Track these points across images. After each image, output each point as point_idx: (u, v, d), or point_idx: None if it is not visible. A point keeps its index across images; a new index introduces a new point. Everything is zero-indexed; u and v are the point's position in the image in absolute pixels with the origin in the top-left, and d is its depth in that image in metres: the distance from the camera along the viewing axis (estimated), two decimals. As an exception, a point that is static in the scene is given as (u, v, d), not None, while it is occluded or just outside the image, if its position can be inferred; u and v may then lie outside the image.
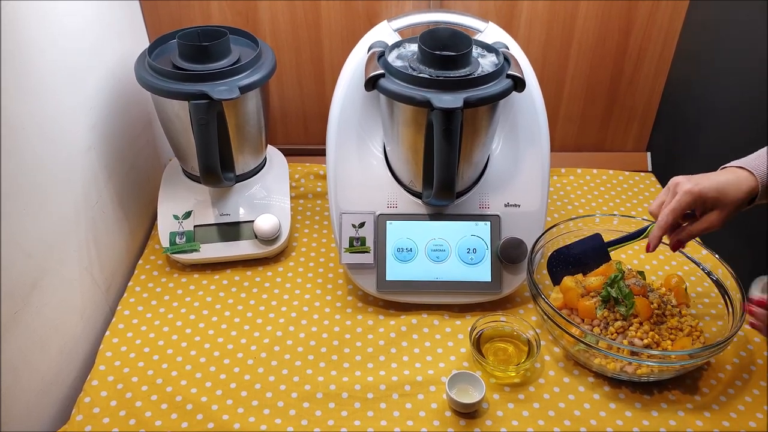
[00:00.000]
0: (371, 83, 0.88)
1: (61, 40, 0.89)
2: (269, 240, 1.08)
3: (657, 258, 1.11)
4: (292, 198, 1.21)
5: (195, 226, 1.08)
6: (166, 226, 1.08)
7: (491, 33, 1.02)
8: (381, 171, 1.02)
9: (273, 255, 1.12)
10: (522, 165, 1.02)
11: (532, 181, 1.01)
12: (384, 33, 1.01)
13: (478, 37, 1.00)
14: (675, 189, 0.81)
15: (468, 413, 0.85)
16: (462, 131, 0.88)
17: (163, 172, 1.14)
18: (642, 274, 1.01)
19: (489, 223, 1.00)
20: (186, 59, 0.98)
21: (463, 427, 0.84)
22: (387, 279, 0.99)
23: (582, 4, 1.22)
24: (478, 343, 0.94)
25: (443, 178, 0.91)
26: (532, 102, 1.01)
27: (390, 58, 0.92)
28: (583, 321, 0.94)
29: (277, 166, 1.19)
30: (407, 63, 0.92)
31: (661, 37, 1.27)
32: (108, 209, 1.04)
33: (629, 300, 0.91)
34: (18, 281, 0.79)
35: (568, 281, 0.97)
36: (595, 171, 1.36)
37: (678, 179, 0.82)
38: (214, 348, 0.95)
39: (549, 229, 1.02)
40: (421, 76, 0.87)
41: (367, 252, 0.99)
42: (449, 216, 1.01)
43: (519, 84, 0.89)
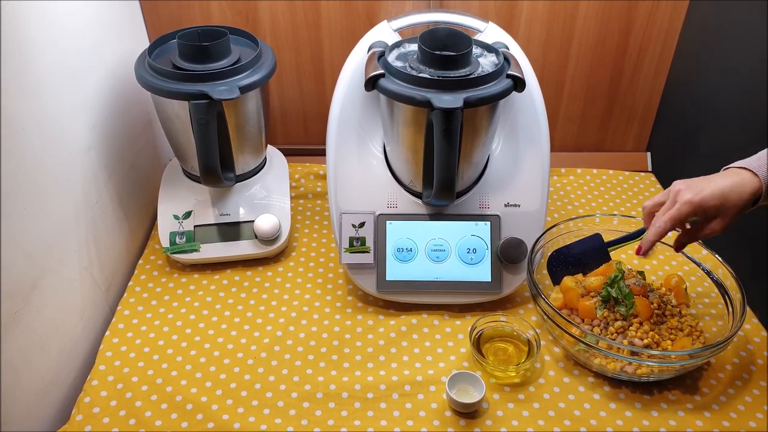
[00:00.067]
0: (371, 83, 0.88)
1: (61, 40, 0.89)
2: (269, 240, 1.08)
3: (657, 258, 1.11)
4: (292, 198, 1.22)
5: (195, 226, 1.08)
6: (166, 226, 1.08)
7: (491, 33, 1.02)
8: (381, 171, 1.02)
9: (273, 255, 1.12)
10: (522, 165, 1.02)
11: (532, 181, 1.01)
12: (384, 33, 1.01)
13: (478, 37, 1.00)
14: (675, 197, 0.80)
15: (468, 413, 0.85)
16: (462, 131, 0.88)
17: (163, 172, 1.14)
18: (642, 274, 1.01)
19: (489, 223, 1.00)
20: (186, 59, 0.98)
21: (463, 427, 0.84)
22: (387, 279, 0.99)
23: (582, 4, 1.22)
24: (478, 343, 0.94)
25: (443, 178, 0.91)
26: (532, 102, 1.01)
27: (390, 58, 0.92)
28: (583, 321, 0.94)
29: (277, 166, 1.19)
30: (407, 63, 0.92)
31: (661, 37, 1.27)
32: (108, 209, 1.04)
33: (629, 300, 0.91)
34: (18, 281, 0.79)
35: (568, 281, 0.97)
36: (595, 171, 1.36)
37: (679, 186, 0.80)
38: (214, 348, 0.95)
39: (549, 229, 1.02)
40: (421, 76, 0.87)
41: (367, 252, 0.99)
42: (449, 216, 1.01)
43: (519, 84, 0.89)
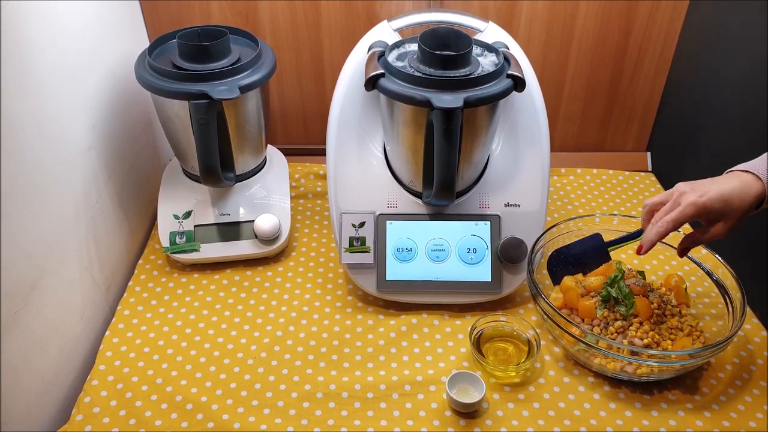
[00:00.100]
0: (371, 83, 0.88)
1: (61, 40, 0.89)
2: (269, 240, 1.08)
3: (657, 258, 1.11)
4: (292, 198, 1.21)
5: (195, 225, 1.08)
6: (166, 225, 1.08)
7: (491, 33, 1.02)
8: (381, 171, 1.02)
9: (273, 255, 1.12)
10: (522, 165, 1.02)
11: (532, 181, 1.01)
12: (384, 33, 1.01)
13: (478, 37, 1.00)
14: (679, 199, 0.79)
15: (468, 413, 0.85)
16: (462, 131, 0.88)
17: (163, 172, 1.14)
18: (642, 274, 1.01)
19: (489, 223, 1.00)
20: (186, 59, 0.98)
21: (463, 427, 0.84)
22: (387, 279, 0.99)
23: (582, 4, 1.22)
24: (478, 343, 0.94)
25: (443, 178, 0.91)
26: (532, 102, 1.01)
27: (390, 57, 0.92)
28: (583, 321, 0.94)
29: (277, 166, 1.19)
30: (407, 63, 0.92)
31: (661, 37, 1.27)
32: (108, 209, 1.04)
33: (629, 300, 0.91)
34: (18, 281, 0.79)
35: (568, 281, 0.97)
36: (595, 171, 1.36)
37: (682, 188, 0.80)
38: (214, 348, 0.95)
39: (549, 229, 1.02)
40: (421, 75, 0.87)
41: (367, 252, 0.99)
42: (449, 216, 1.01)
43: (519, 84, 0.89)
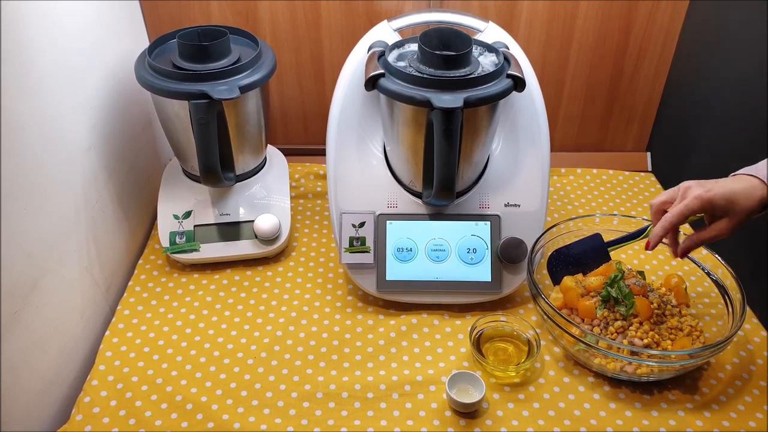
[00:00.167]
0: (371, 83, 0.88)
1: (61, 40, 0.89)
2: (269, 240, 1.08)
3: (657, 258, 1.11)
4: (292, 198, 1.21)
5: (195, 225, 1.08)
6: (166, 225, 1.08)
7: (491, 33, 1.02)
8: (381, 171, 1.02)
9: (273, 255, 1.12)
10: (522, 165, 1.02)
11: (532, 181, 1.01)
12: (384, 33, 1.01)
13: (478, 37, 1.00)
14: (685, 193, 0.80)
15: (468, 413, 0.85)
16: (462, 131, 0.88)
17: (163, 172, 1.14)
18: (642, 274, 1.01)
19: (489, 223, 1.00)
20: (186, 59, 0.98)
21: (463, 427, 0.84)
22: (387, 279, 0.99)
23: (582, 4, 1.22)
24: (478, 343, 0.94)
25: (443, 178, 0.91)
26: (532, 102, 1.01)
27: (390, 57, 0.92)
28: (583, 321, 0.94)
29: (277, 165, 1.19)
30: (407, 63, 0.92)
31: (661, 37, 1.27)
32: (108, 209, 1.04)
33: (629, 300, 0.91)
34: (18, 281, 0.79)
35: (568, 281, 0.97)
36: (595, 171, 1.36)
37: (689, 184, 0.80)
38: (214, 348, 0.95)
39: (549, 229, 1.02)
40: (421, 75, 0.87)
41: (367, 252, 0.99)
42: (449, 216, 1.01)
43: (519, 84, 0.89)
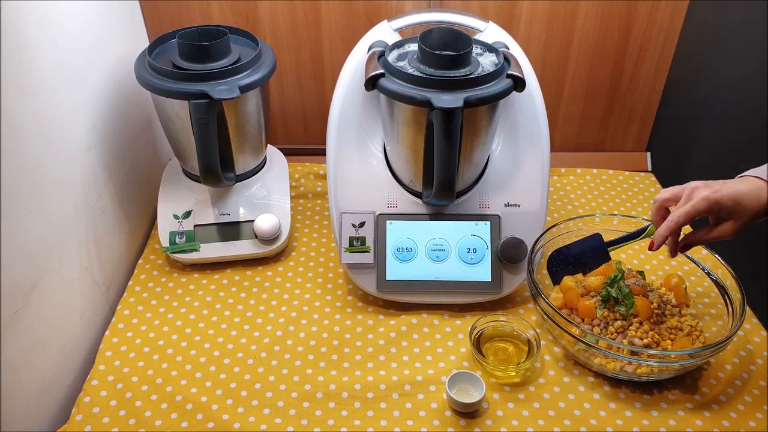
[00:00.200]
0: (371, 83, 0.88)
1: (61, 40, 0.89)
2: (269, 240, 1.08)
3: (657, 258, 1.11)
4: (292, 198, 1.21)
5: (195, 225, 1.08)
6: (166, 225, 1.08)
7: (491, 33, 1.02)
8: (381, 171, 1.02)
9: (273, 255, 1.12)
10: (522, 165, 1.02)
11: (532, 181, 1.01)
12: (384, 33, 1.01)
13: (478, 37, 1.00)
14: (691, 194, 0.79)
15: (468, 413, 0.85)
16: (462, 131, 0.88)
17: (163, 172, 1.14)
18: (642, 274, 1.01)
19: (489, 223, 1.00)
20: (186, 59, 0.98)
21: (463, 427, 0.84)
22: (387, 279, 0.99)
23: (582, 4, 1.22)
24: (478, 343, 0.94)
25: (443, 177, 0.91)
26: (532, 102, 1.01)
27: (390, 57, 0.92)
28: (583, 321, 0.94)
29: (277, 165, 1.19)
30: (407, 63, 0.92)
31: (661, 37, 1.27)
32: (108, 209, 1.04)
33: (629, 300, 0.91)
34: (18, 281, 0.79)
35: (568, 281, 0.97)
36: (595, 171, 1.36)
37: (696, 184, 0.80)
38: (214, 348, 0.95)
39: (549, 229, 1.02)
40: (421, 75, 0.87)
41: (367, 252, 0.99)
42: (449, 216, 1.01)
43: (519, 84, 0.89)
